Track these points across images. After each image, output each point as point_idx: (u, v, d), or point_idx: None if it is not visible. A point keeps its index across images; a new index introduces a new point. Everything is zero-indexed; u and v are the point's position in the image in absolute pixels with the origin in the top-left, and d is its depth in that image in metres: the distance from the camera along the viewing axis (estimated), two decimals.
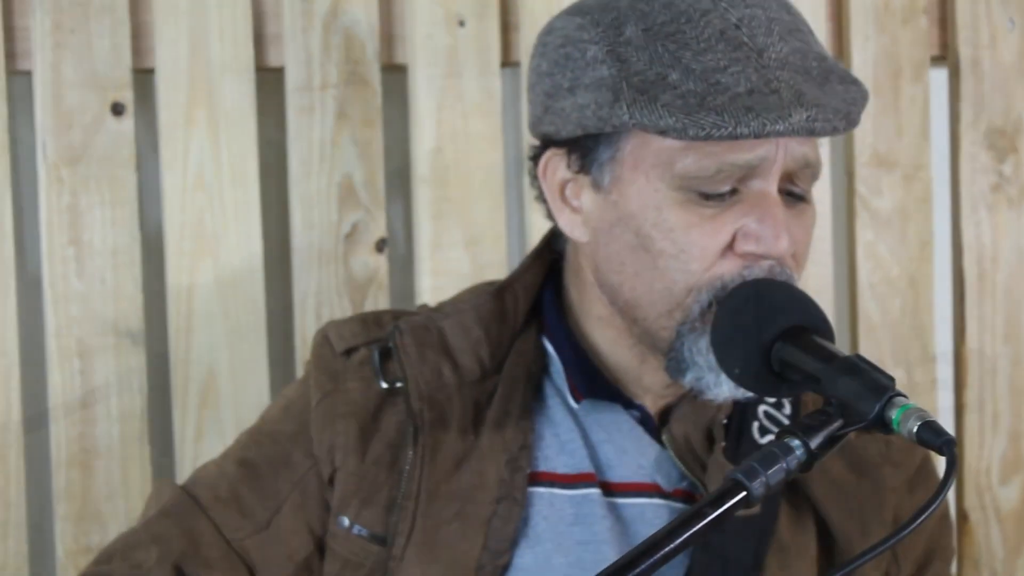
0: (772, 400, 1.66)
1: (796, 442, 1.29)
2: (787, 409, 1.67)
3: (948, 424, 2.30)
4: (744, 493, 1.26)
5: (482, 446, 1.60)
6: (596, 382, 1.62)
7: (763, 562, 1.59)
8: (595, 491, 1.60)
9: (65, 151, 2.01)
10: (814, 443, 1.30)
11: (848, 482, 1.65)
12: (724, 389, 1.52)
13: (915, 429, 1.28)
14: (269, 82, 2.11)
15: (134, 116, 2.04)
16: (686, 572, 1.58)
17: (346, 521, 1.59)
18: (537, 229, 1.81)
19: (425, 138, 2.12)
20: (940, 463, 1.57)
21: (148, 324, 2.05)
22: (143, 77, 2.07)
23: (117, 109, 2.03)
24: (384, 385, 1.62)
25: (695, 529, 1.25)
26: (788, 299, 1.47)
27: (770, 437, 1.61)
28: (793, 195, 1.53)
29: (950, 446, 1.26)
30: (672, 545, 1.24)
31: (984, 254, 2.28)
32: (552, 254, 1.69)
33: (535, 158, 1.61)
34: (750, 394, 1.52)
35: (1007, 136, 2.27)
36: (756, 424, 1.64)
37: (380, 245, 2.11)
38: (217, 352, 2.06)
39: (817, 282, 2.23)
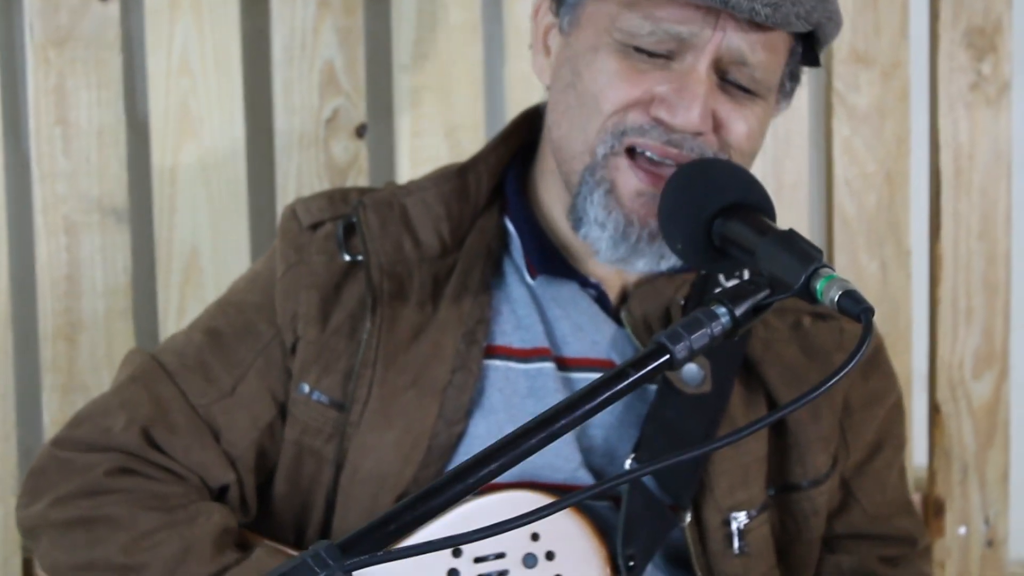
0: (730, 284, 1.69)
1: (722, 309, 1.33)
2: None
3: (922, 319, 2.33)
4: (668, 356, 1.30)
5: (439, 319, 1.64)
6: (551, 258, 1.66)
7: (712, 438, 1.63)
8: (549, 365, 1.64)
9: (52, 33, 2.05)
10: (739, 311, 1.33)
11: (801, 366, 1.68)
12: (603, 248, 1.58)
13: (836, 298, 1.30)
14: None
15: (120, 0, 2.07)
16: (635, 444, 1.63)
17: (306, 388, 1.64)
18: None
19: (405, 27, 2.15)
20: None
21: (133, 203, 2.10)
22: None
23: None
24: (347, 258, 1.67)
25: (616, 388, 1.28)
26: (730, 177, 1.50)
27: None
28: (740, 86, 1.57)
29: (867, 314, 1.29)
30: (593, 403, 1.27)
31: (961, 152, 2.30)
32: (520, 138, 1.73)
33: None
34: (640, 267, 1.59)
35: (986, 35, 2.28)
36: None
37: (360, 131, 2.15)
38: (200, 231, 2.11)
39: (793, 177, 2.26)
